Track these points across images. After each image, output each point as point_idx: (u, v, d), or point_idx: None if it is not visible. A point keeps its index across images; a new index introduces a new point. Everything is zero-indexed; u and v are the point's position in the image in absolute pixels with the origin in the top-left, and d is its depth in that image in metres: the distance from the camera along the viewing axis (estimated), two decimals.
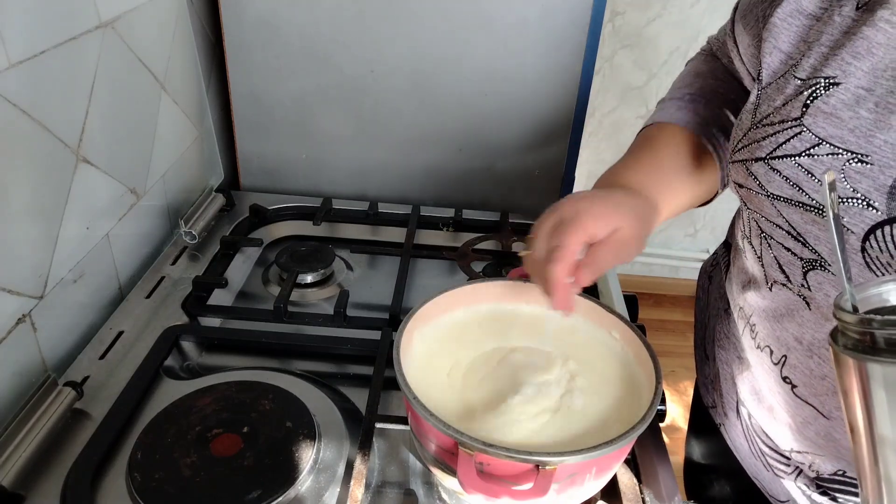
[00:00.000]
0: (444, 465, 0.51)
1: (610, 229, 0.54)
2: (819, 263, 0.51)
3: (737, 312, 0.66)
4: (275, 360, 0.75)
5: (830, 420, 0.55)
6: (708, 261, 0.83)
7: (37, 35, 0.62)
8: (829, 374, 0.54)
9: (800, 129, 0.50)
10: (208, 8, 1.01)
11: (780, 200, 0.52)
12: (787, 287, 0.55)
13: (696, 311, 0.83)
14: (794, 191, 0.50)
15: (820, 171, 0.48)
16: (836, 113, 0.48)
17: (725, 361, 0.71)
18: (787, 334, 0.57)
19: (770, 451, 0.65)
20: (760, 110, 0.54)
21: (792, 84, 0.51)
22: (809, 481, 0.61)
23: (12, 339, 0.61)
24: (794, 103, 0.50)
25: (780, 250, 0.55)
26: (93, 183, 0.73)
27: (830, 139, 0.48)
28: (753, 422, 0.66)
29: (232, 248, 0.91)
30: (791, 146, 0.50)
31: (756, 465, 0.68)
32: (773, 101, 0.53)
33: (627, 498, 0.58)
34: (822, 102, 0.48)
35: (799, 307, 0.55)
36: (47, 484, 0.57)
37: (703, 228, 2.36)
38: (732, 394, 0.70)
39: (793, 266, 0.54)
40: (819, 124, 0.48)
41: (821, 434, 0.57)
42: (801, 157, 0.49)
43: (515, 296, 0.65)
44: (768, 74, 0.54)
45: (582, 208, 0.54)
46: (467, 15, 0.97)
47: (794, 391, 0.57)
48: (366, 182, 1.12)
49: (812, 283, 0.53)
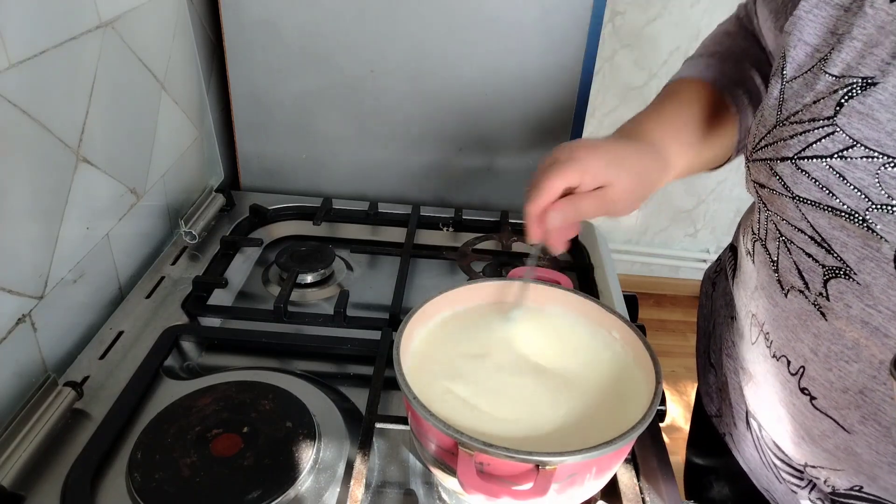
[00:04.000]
0: (444, 465, 0.51)
1: (597, 183, 0.54)
2: (843, 272, 0.49)
3: (749, 320, 0.63)
4: (275, 360, 0.75)
5: (851, 434, 0.52)
6: (712, 267, 0.81)
7: (37, 35, 0.62)
8: (850, 387, 0.51)
9: (832, 129, 0.47)
10: (208, 8, 1.01)
11: (807, 203, 0.49)
12: (804, 295, 0.53)
13: (699, 318, 0.82)
14: (822, 194, 0.48)
15: (853, 174, 0.46)
16: (873, 114, 0.45)
17: (733, 370, 0.69)
18: (801, 345, 0.54)
19: (783, 463, 0.62)
20: (787, 107, 0.51)
21: (823, 80, 0.49)
22: (824, 496, 0.59)
23: (12, 339, 0.61)
24: (826, 101, 0.48)
25: (801, 255, 0.52)
26: (93, 183, 0.73)
27: (866, 141, 0.45)
28: (764, 433, 0.64)
29: (232, 248, 0.91)
30: (822, 147, 0.48)
31: (768, 477, 0.66)
32: (802, 98, 0.50)
33: (627, 498, 0.58)
34: (857, 102, 0.46)
35: (813, 317, 0.52)
36: (47, 484, 0.57)
37: (703, 228, 2.36)
38: (741, 404, 0.67)
39: (813, 273, 0.51)
40: (854, 125, 0.46)
41: (840, 448, 0.54)
42: (833, 159, 0.47)
43: (515, 295, 0.65)
44: (793, 68, 0.51)
45: (577, 156, 0.54)
46: (467, 15, 0.97)
47: (814, 403, 0.55)
48: (366, 182, 1.12)
49: (832, 292, 0.50)
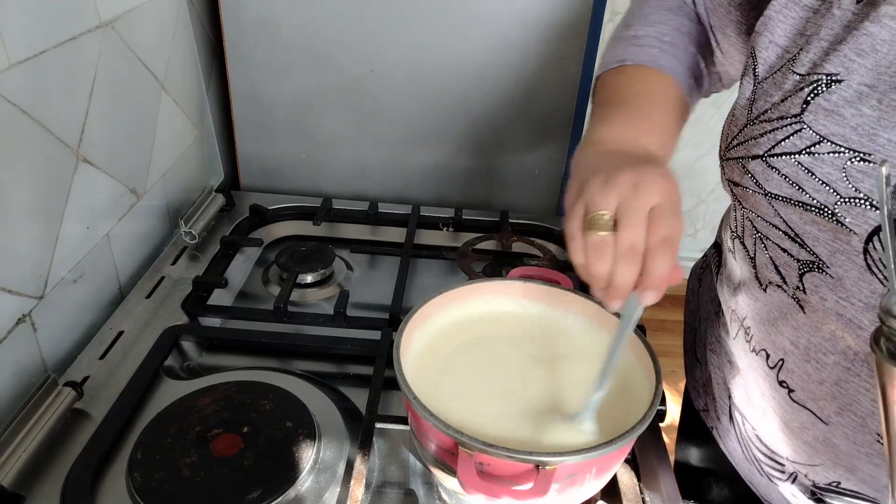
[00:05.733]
0: (444, 465, 0.51)
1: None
2: (817, 265, 0.50)
3: (729, 315, 0.64)
4: (275, 360, 0.75)
5: (829, 425, 0.54)
6: (698, 263, 0.82)
7: (37, 35, 0.62)
8: (826, 378, 0.52)
9: (800, 126, 0.48)
10: (208, 8, 1.01)
11: (779, 199, 0.50)
12: (782, 289, 0.54)
13: (686, 314, 0.83)
14: (793, 190, 0.49)
15: (821, 169, 0.47)
16: (838, 110, 0.46)
17: (717, 366, 0.70)
18: (782, 338, 0.55)
19: (764, 457, 0.63)
20: (757, 106, 0.52)
21: (790, 79, 0.50)
22: (804, 488, 0.60)
23: (12, 339, 0.61)
24: (793, 99, 0.49)
25: (776, 251, 0.53)
26: (93, 183, 0.73)
27: (832, 137, 0.47)
28: (747, 427, 0.65)
29: (232, 248, 0.91)
30: (790, 143, 0.49)
31: (750, 470, 0.67)
32: (771, 97, 0.51)
33: (627, 498, 0.58)
34: (822, 99, 0.47)
35: (792, 310, 0.54)
36: (47, 484, 0.57)
37: (703, 228, 2.36)
38: (725, 398, 0.69)
39: (789, 268, 0.53)
40: (820, 122, 0.47)
41: (819, 439, 0.55)
42: (802, 156, 0.48)
43: (515, 295, 0.65)
44: (764, 69, 0.52)
45: (645, 171, 0.48)
46: (467, 15, 0.97)
47: (791, 395, 0.56)
48: (366, 182, 1.12)
49: (808, 285, 0.51)
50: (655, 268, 0.45)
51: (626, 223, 0.45)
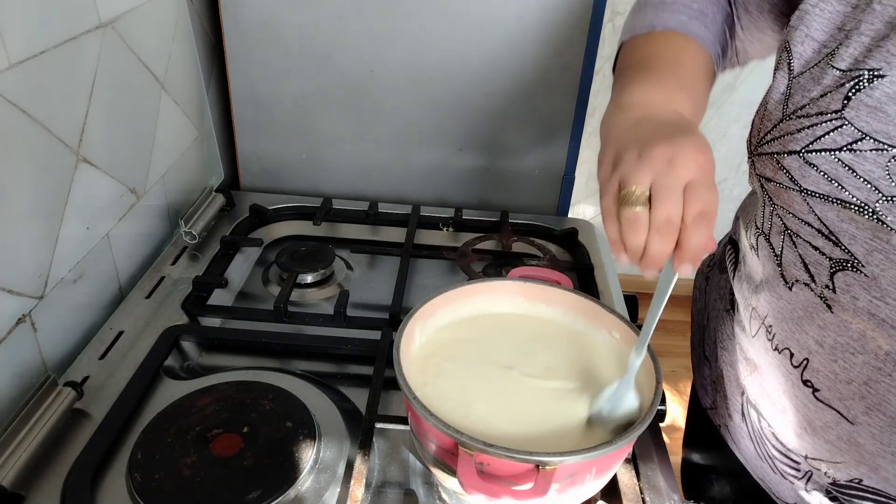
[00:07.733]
0: (444, 465, 0.51)
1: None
2: (851, 264, 0.49)
3: (749, 313, 0.63)
4: (275, 360, 0.75)
5: (855, 425, 0.53)
6: (704, 261, 0.82)
7: (37, 35, 0.62)
8: (855, 378, 0.51)
9: (840, 122, 0.47)
10: (208, 8, 1.01)
11: (815, 196, 0.49)
12: (809, 287, 0.53)
13: (693, 312, 0.82)
14: (831, 187, 0.48)
15: (862, 167, 0.46)
16: (882, 107, 0.46)
17: (729, 363, 0.69)
18: (807, 337, 0.54)
19: (780, 454, 0.63)
20: (793, 101, 0.51)
21: (830, 75, 0.49)
22: (820, 486, 0.59)
23: (12, 339, 0.61)
24: (833, 95, 0.48)
25: (807, 249, 0.52)
26: (93, 183, 0.73)
27: (875, 134, 0.46)
28: (763, 424, 0.64)
29: (232, 248, 0.91)
30: (830, 140, 0.48)
31: (763, 468, 0.66)
32: (809, 92, 0.50)
33: (627, 498, 0.58)
34: (865, 95, 0.46)
35: (818, 309, 0.53)
36: (47, 484, 0.57)
37: None
38: (737, 396, 0.68)
39: (819, 266, 0.52)
40: (862, 118, 0.46)
41: (842, 439, 0.54)
42: (842, 152, 0.47)
43: (515, 295, 0.65)
44: (800, 64, 0.51)
45: (680, 141, 0.47)
46: (467, 15, 0.97)
47: (816, 395, 0.55)
48: (366, 182, 1.12)
49: (838, 284, 0.50)
50: (691, 241, 0.45)
51: (663, 199, 0.45)
